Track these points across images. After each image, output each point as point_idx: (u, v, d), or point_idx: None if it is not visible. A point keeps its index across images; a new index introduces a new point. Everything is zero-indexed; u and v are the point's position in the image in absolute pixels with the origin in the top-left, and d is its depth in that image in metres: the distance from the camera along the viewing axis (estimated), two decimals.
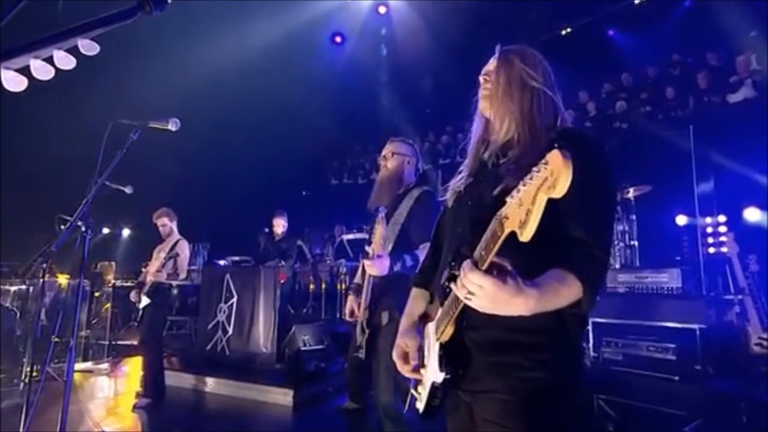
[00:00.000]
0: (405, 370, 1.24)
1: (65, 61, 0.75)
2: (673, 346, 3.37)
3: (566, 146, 0.77)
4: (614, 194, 1.19)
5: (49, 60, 0.75)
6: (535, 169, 0.79)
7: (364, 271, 2.33)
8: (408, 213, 2.30)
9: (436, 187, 2.51)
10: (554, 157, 0.76)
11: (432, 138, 9.76)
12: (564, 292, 0.96)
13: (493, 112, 1.20)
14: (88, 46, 0.76)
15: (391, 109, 10.41)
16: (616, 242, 4.96)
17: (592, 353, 3.87)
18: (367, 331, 2.24)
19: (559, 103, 1.21)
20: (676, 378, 3.26)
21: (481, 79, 1.25)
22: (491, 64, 1.24)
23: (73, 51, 0.76)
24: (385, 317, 2.16)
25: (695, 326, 3.35)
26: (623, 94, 7.08)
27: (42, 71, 0.74)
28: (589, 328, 3.92)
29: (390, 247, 2.21)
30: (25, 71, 0.74)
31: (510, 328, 1.03)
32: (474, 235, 0.95)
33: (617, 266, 4.79)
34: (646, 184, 4.80)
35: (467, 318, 1.08)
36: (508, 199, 0.84)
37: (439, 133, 9.60)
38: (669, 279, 3.78)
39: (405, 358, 1.25)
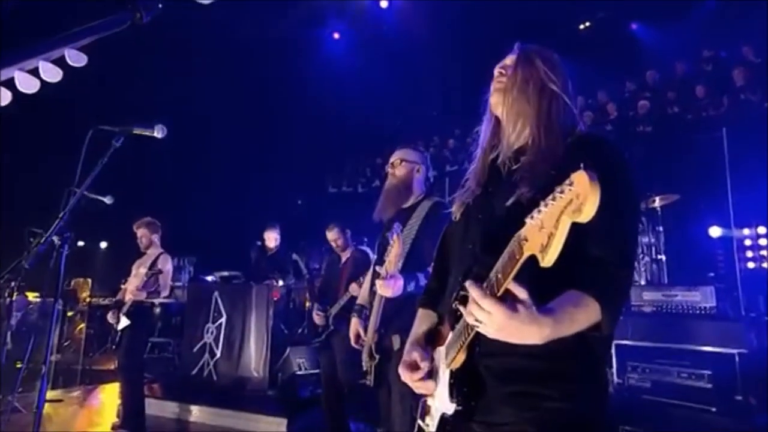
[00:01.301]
0: (413, 379, 1.22)
1: (52, 72, 0.76)
2: (708, 372, 3.32)
3: (587, 160, 0.78)
4: (636, 205, 1.20)
5: (35, 72, 0.76)
6: (558, 189, 0.79)
7: (371, 290, 2.33)
8: (419, 227, 2.31)
9: (443, 197, 2.52)
10: (580, 178, 0.76)
11: (438, 142, 9.76)
12: (580, 316, 0.97)
13: (506, 110, 1.20)
14: (76, 57, 0.77)
15: (393, 111, 10.45)
16: (641, 256, 4.94)
17: (616, 379, 3.83)
18: (376, 357, 2.22)
19: (576, 108, 1.23)
20: (713, 409, 3.21)
21: (496, 71, 1.25)
22: (509, 59, 1.25)
23: (60, 62, 0.77)
24: (396, 341, 2.15)
25: (734, 351, 3.30)
26: (648, 94, 7.09)
27: (27, 84, 0.75)
28: (612, 351, 3.88)
29: (400, 265, 2.21)
30: (9, 84, 0.74)
31: (530, 354, 1.02)
32: (486, 252, 0.96)
33: (642, 283, 4.76)
34: (674, 192, 4.78)
35: (481, 344, 1.07)
36: (528, 220, 0.84)
37: (446, 137, 9.60)
38: (702, 297, 3.75)
39: (413, 366, 1.23)
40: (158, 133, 2.18)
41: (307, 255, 8.54)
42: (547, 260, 0.79)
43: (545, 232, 0.80)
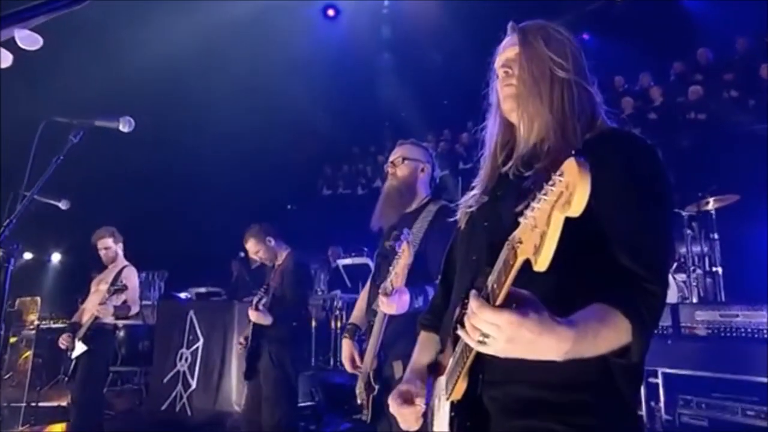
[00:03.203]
0: (401, 413, 1.23)
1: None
2: None
3: (594, 151, 0.80)
4: (669, 210, 1.21)
5: None
6: (549, 182, 0.81)
7: (368, 308, 2.33)
8: (425, 234, 2.33)
9: (455, 200, 2.52)
10: (569, 166, 0.78)
11: (449, 137, 9.86)
12: (607, 334, 0.96)
13: (520, 115, 1.24)
14: (29, 39, 0.75)
15: (397, 102, 10.49)
16: (692, 269, 4.91)
17: (664, 415, 3.79)
18: (375, 387, 2.22)
19: (596, 94, 1.25)
20: None
21: (501, 71, 1.28)
22: (511, 50, 1.27)
23: (10, 45, 0.76)
24: (399, 369, 2.15)
25: None
26: (699, 76, 7.08)
27: None
28: (659, 381, 3.85)
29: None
30: None
31: (540, 383, 1.04)
32: (491, 263, 0.97)
33: (694, 300, 4.72)
34: (732, 192, 4.77)
35: (485, 370, 1.08)
36: (522, 220, 0.86)
37: (458, 130, 9.68)
38: None
39: (405, 398, 1.25)
40: (124, 126, 2.17)
41: None
42: (540, 263, 0.80)
43: (538, 232, 0.81)
